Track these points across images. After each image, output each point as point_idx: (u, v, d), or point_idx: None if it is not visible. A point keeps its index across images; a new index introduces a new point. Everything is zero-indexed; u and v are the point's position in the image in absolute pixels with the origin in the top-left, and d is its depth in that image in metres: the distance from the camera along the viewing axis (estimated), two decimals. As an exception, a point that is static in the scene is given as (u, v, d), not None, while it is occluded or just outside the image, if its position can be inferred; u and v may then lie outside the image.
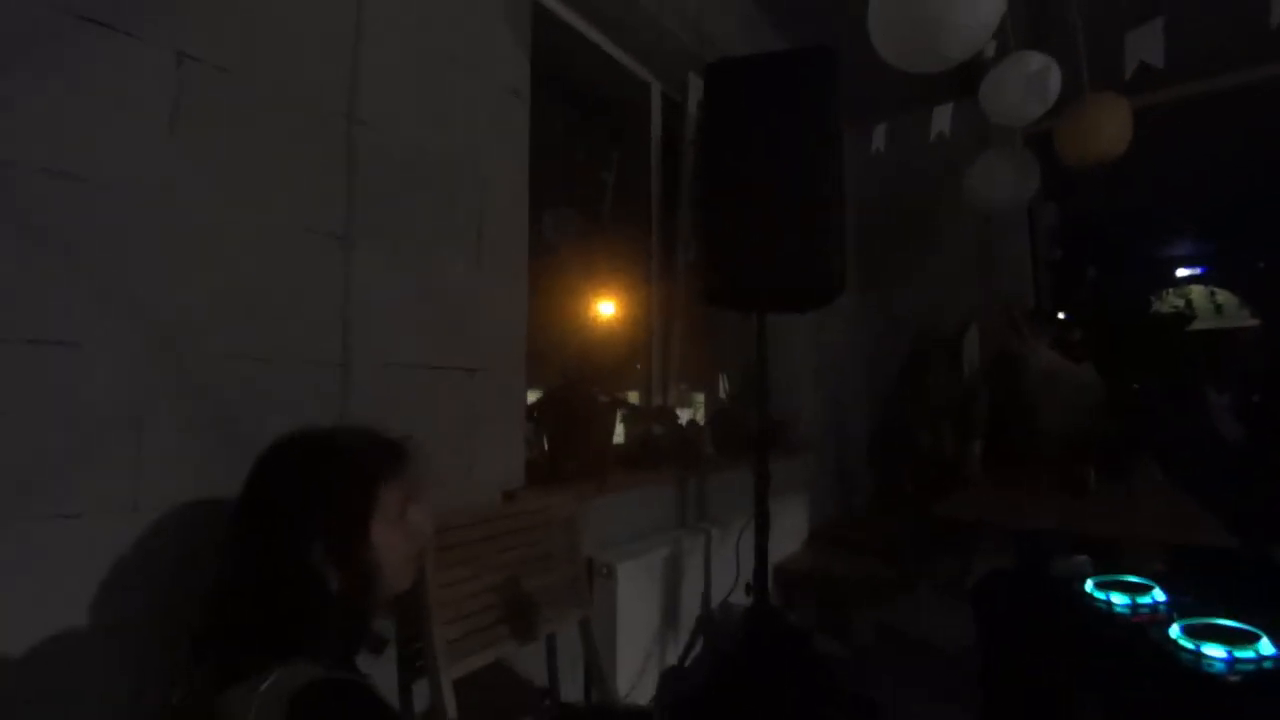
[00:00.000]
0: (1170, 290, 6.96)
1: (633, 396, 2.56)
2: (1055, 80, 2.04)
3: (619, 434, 2.13)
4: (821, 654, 2.07)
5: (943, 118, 2.37)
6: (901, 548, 2.69)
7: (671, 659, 1.86)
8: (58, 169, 0.83)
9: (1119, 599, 1.07)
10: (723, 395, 2.98)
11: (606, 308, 2.59)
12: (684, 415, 2.80)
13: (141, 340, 0.90)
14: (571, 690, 1.50)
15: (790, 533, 2.64)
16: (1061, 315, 4.45)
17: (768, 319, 1.77)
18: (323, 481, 0.76)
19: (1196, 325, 5.75)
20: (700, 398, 3.16)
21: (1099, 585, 1.12)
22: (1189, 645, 0.86)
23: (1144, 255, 6.69)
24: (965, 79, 2.16)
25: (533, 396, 1.77)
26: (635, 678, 1.71)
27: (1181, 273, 6.94)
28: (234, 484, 0.94)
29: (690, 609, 1.95)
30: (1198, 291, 6.86)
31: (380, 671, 0.85)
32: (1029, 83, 2.04)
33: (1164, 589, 1.08)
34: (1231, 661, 0.82)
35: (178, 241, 0.94)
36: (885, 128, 2.58)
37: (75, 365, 0.84)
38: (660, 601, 1.81)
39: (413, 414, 1.28)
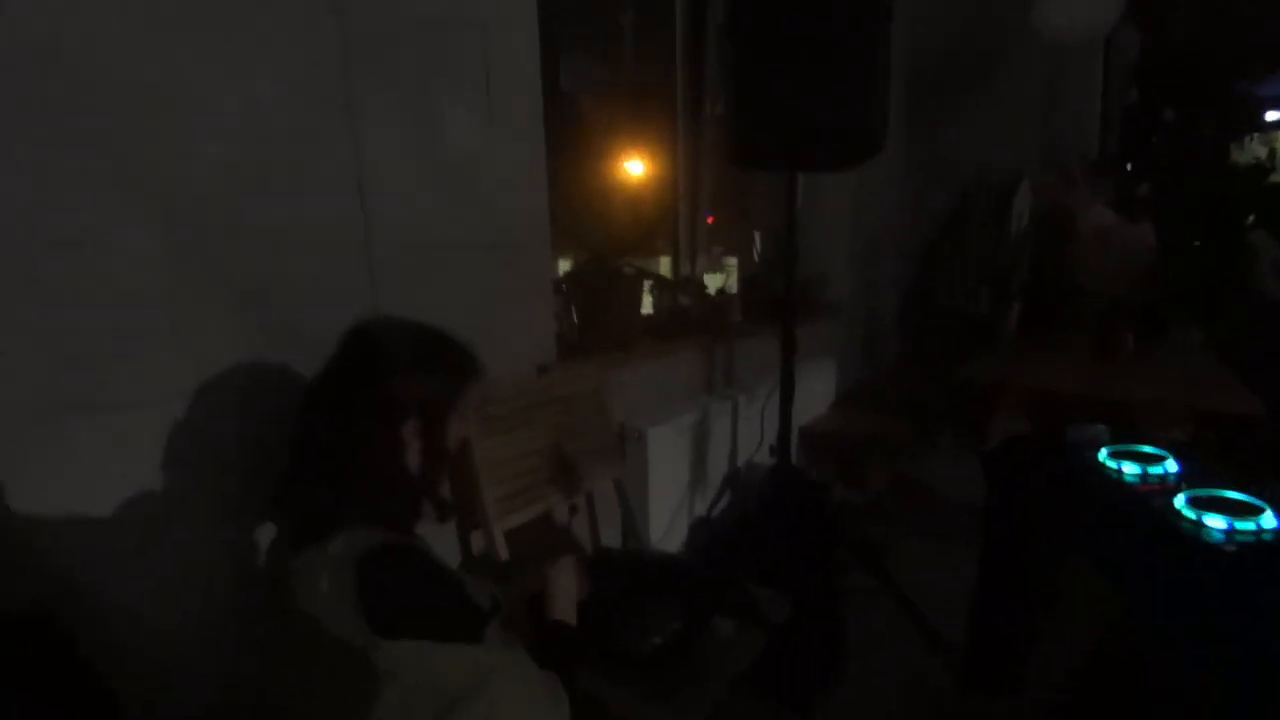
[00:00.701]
0: (1254, 137, 6.27)
1: (664, 263, 2.54)
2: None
3: (648, 305, 2.14)
4: (837, 503, 2.23)
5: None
6: (923, 407, 2.76)
7: (700, 513, 2.03)
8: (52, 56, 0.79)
9: (1130, 468, 1.10)
10: (756, 258, 2.92)
11: (631, 167, 2.48)
12: (717, 281, 2.78)
13: (160, 226, 0.90)
14: (610, 541, 1.68)
15: (817, 396, 2.72)
16: (1130, 165, 4.10)
17: (800, 176, 1.68)
18: (431, 367, 0.83)
19: (1276, 178, 5.24)
20: (734, 262, 3.10)
21: (1113, 454, 1.15)
22: (1191, 515, 0.90)
23: (1231, 96, 5.94)
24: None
25: (562, 268, 1.77)
26: (666, 530, 1.89)
27: (1272, 116, 6.18)
28: (275, 362, 1.02)
29: (717, 469, 2.08)
30: (1286, 140, 6.15)
31: (443, 527, 0.97)
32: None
33: (1178, 459, 1.10)
34: (1230, 532, 0.86)
35: (181, 118, 0.91)
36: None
37: (105, 259, 0.85)
38: (689, 462, 1.94)
39: (441, 292, 1.30)
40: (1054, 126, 3.73)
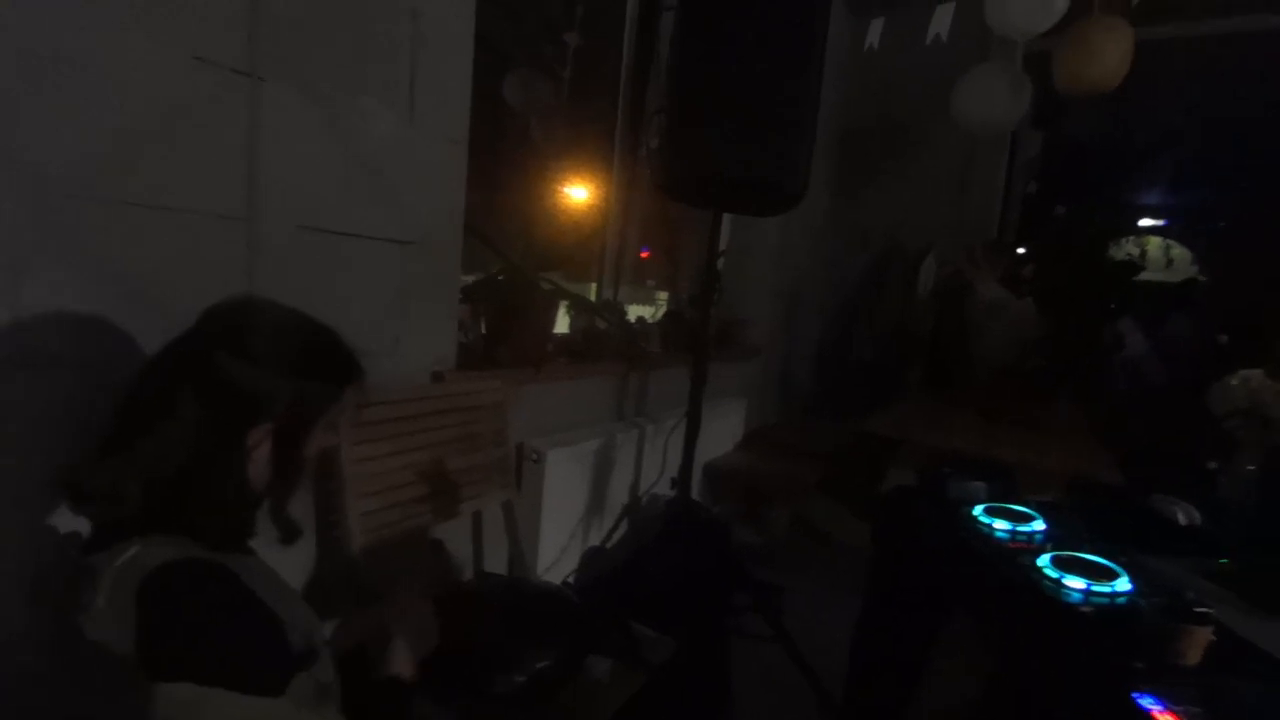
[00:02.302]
0: (1130, 238, 7.10)
1: (591, 290, 2.50)
2: (1066, -7, 1.92)
3: (565, 325, 2.09)
4: (736, 543, 2.22)
5: (943, 19, 2.21)
6: (827, 454, 2.83)
7: (594, 543, 1.96)
8: None
9: (1001, 525, 1.14)
10: (685, 296, 2.95)
11: (564, 187, 2.45)
12: (643, 312, 2.77)
13: (13, 187, 0.78)
14: (495, 566, 1.57)
15: (724, 434, 2.73)
16: (1021, 250, 4.49)
17: (727, 218, 1.70)
18: (302, 367, 0.69)
19: (1144, 276, 5.93)
20: (664, 296, 3.13)
21: (987, 511, 1.19)
22: (1053, 575, 0.93)
23: (1114, 199, 6.74)
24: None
25: (471, 279, 1.69)
26: (556, 558, 1.80)
27: (1145, 222, 7.05)
28: (131, 343, 0.89)
29: (617, 499, 2.03)
30: (1155, 242, 7.03)
31: (302, 543, 0.84)
32: (1039, -8, 1.90)
33: (1047, 520, 1.15)
34: (1088, 593, 0.89)
35: (45, 72, 0.79)
36: (883, 22, 2.40)
37: None
38: (588, 490, 1.88)
39: (332, 283, 1.20)
40: (962, 206, 4.06)
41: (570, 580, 1.87)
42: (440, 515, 1.32)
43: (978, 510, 1.20)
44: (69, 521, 0.77)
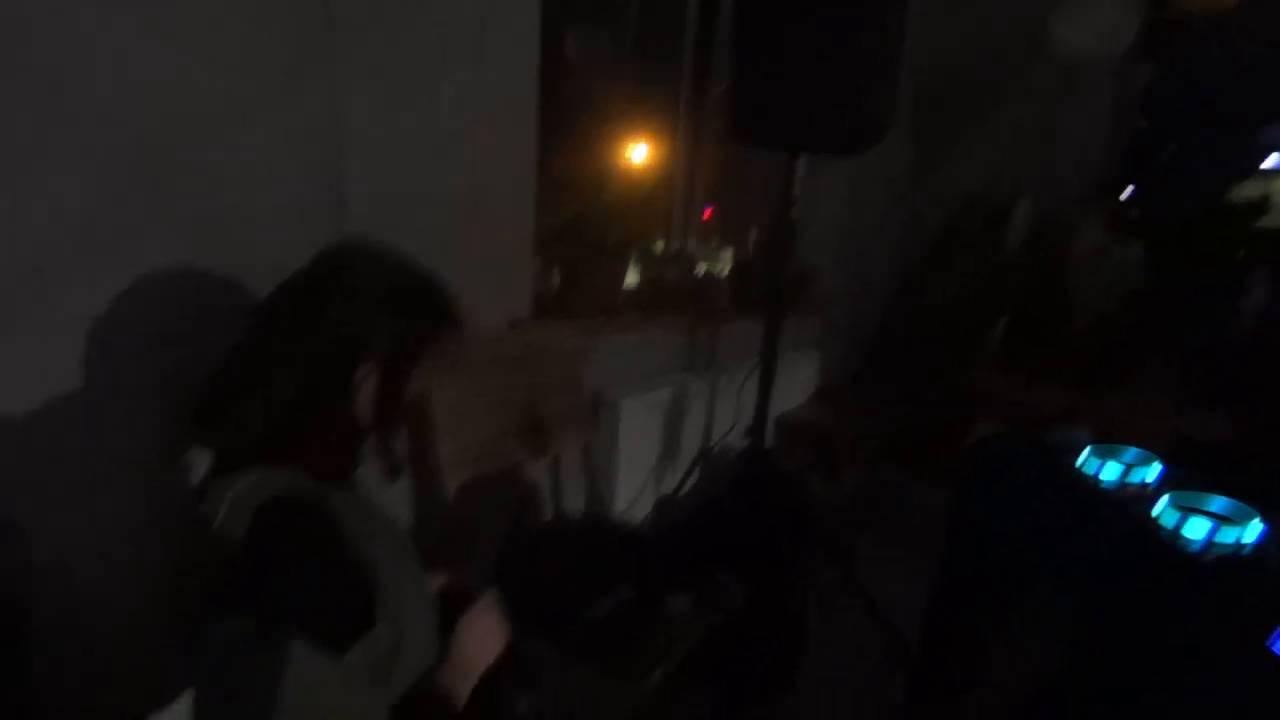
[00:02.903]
0: (1254, 178, 6.33)
1: (658, 247, 2.48)
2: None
3: (633, 279, 2.08)
4: (806, 498, 2.19)
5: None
6: (903, 410, 2.73)
7: (666, 492, 1.98)
8: None
9: (1109, 471, 1.06)
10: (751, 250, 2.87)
11: (632, 146, 2.41)
12: (709, 268, 2.73)
13: (107, 153, 0.83)
14: (572, 509, 1.62)
15: (796, 387, 2.68)
16: (1127, 193, 4.11)
17: (801, 168, 1.63)
18: (405, 308, 0.72)
19: (1267, 222, 5.29)
20: (729, 253, 3.07)
21: (1094, 454, 1.11)
22: (1170, 522, 0.86)
23: (1236, 136, 5.99)
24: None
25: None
26: (631, 504, 1.83)
27: (1272, 162, 6.26)
28: (224, 304, 0.94)
29: (689, 449, 2.03)
30: (1281, 185, 6.24)
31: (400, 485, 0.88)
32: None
33: (1163, 466, 1.07)
34: (1209, 543, 0.82)
35: (132, 38, 0.83)
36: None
37: (48, 183, 0.78)
38: (660, 439, 1.89)
39: (412, 232, 1.23)
40: (1059, 149, 3.72)
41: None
42: (522, 458, 1.36)
43: (1083, 456, 1.13)
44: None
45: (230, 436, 0.68)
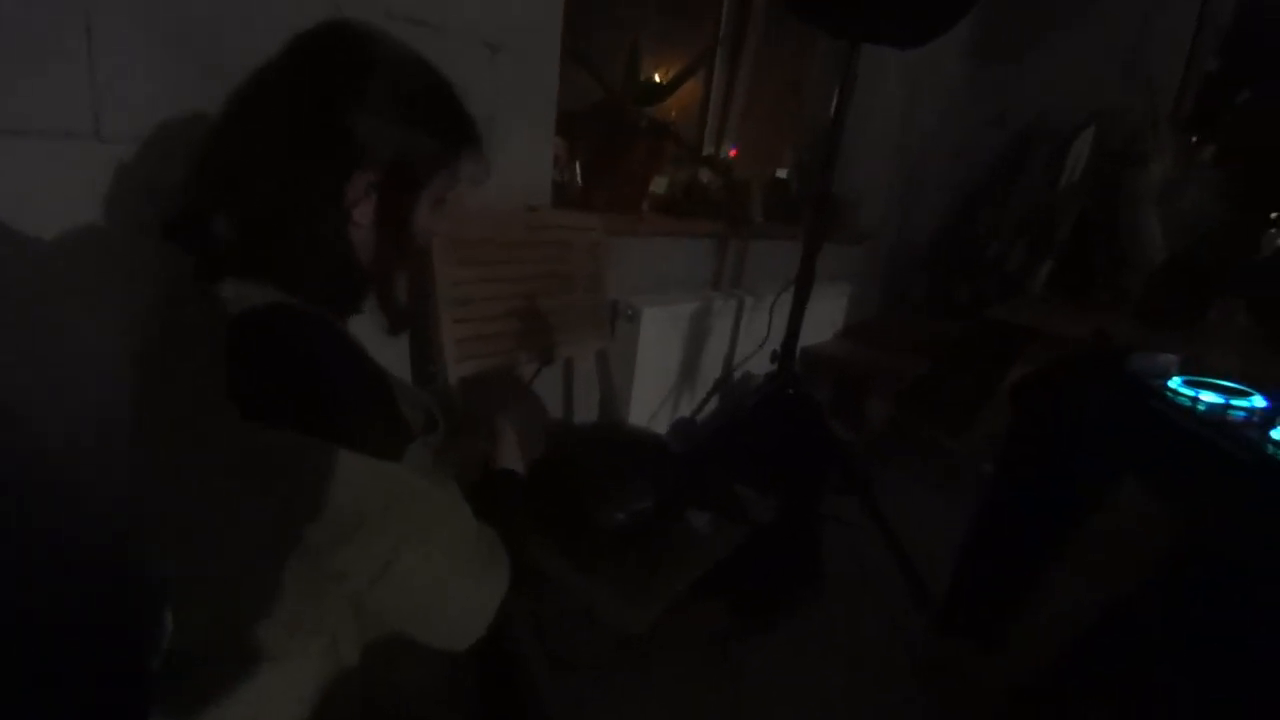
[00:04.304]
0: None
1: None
2: None
3: (661, 184, 1.90)
4: (832, 428, 2.08)
5: None
6: (936, 348, 2.58)
7: (684, 413, 1.87)
8: None
9: (1209, 398, 0.92)
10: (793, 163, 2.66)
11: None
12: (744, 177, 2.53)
13: None
14: (584, 417, 1.51)
15: (825, 319, 2.52)
16: (1199, 134, 3.80)
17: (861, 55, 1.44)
18: (413, 114, 0.58)
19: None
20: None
21: (1188, 384, 0.98)
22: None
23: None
24: None
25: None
26: (646, 422, 1.72)
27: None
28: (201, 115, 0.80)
29: (710, 371, 1.91)
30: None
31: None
32: None
33: (1268, 397, 0.93)
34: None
35: None
36: None
37: None
38: (681, 355, 1.76)
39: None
40: (1130, 82, 3.41)
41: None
42: (533, 354, 1.24)
43: (1174, 383, 0.99)
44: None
45: (198, 236, 0.55)
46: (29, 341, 0.74)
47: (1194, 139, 3.62)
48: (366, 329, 0.67)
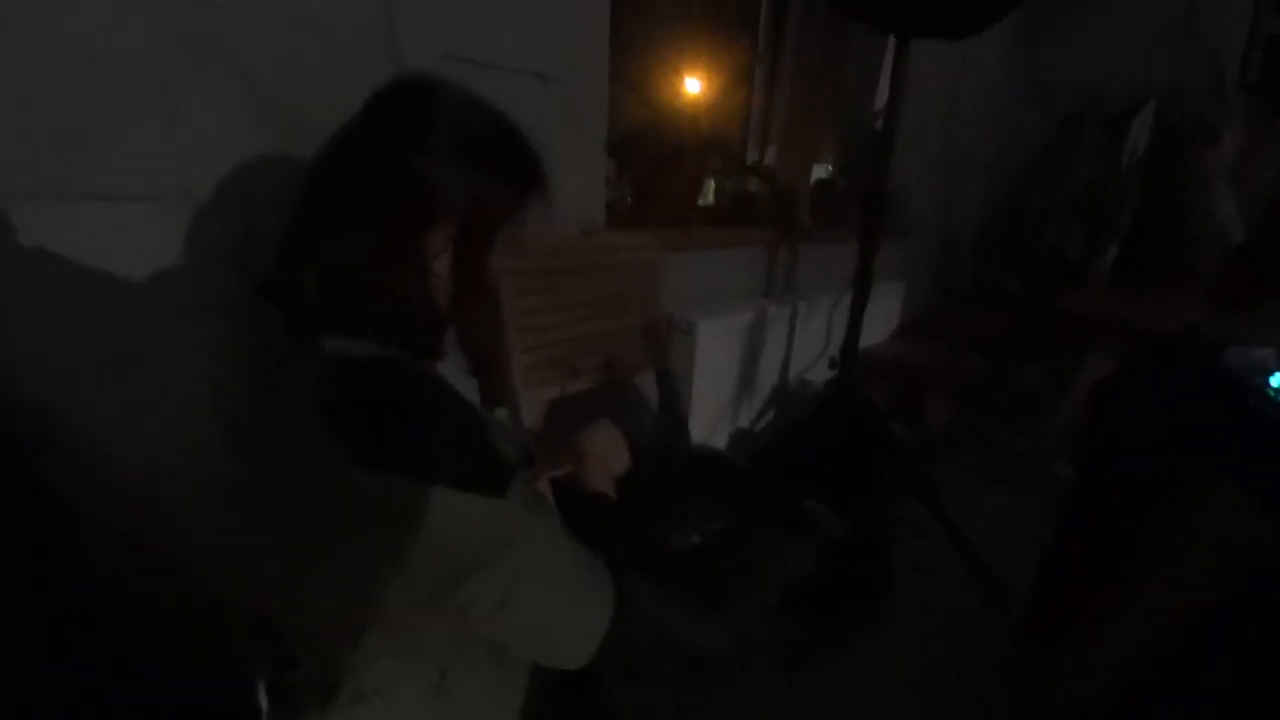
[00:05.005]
0: None
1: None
2: None
3: (709, 193, 1.90)
4: (893, 432, 2.03)
5: None
6: (996, 344, 2.50)
7: (743, 425, 1.85)
8: None
9: (1320, 398, 0.87)
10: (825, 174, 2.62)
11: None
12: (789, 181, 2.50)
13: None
14: (647, 434, 1.52)
15: (879, 319, 2.47)
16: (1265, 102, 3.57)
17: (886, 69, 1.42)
18: (485, 161, 0.59)
19: None
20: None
21: (1292, 382, 0.92)
22: None
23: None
24: None
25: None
26: (706, 436, 1.72)
27: None
28: (276, 168, 0.85)
29: (767, 380, 1.89)
30: None
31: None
32: None
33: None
34: None
35: None
36: None
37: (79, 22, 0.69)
38: (738, 367, 1.75)
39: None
40: (1188, 54, 3.23)
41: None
42: (595, 376, 1.25)
43: (1276, 380, 0.93)
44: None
45: (288, 300, 0.57)
46: (134, 390, 0.79)
47: (1266, 107, 3.41)
48: (448, 370, 0.70)
